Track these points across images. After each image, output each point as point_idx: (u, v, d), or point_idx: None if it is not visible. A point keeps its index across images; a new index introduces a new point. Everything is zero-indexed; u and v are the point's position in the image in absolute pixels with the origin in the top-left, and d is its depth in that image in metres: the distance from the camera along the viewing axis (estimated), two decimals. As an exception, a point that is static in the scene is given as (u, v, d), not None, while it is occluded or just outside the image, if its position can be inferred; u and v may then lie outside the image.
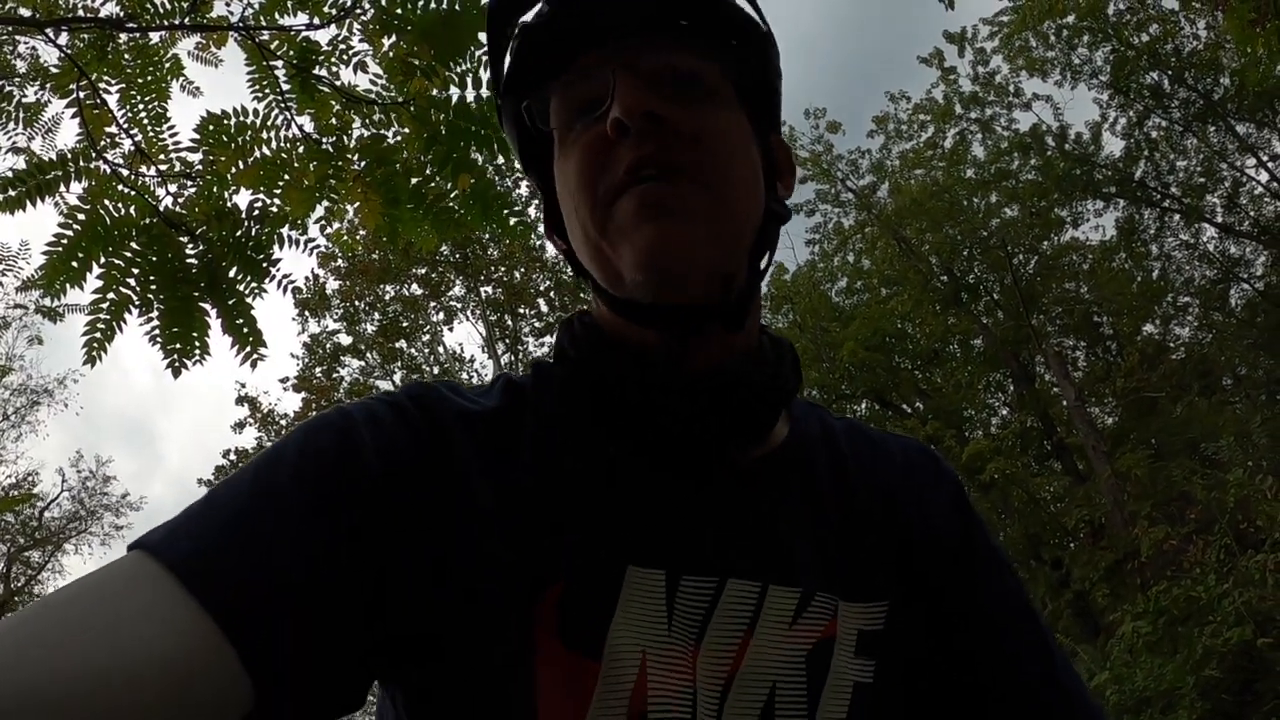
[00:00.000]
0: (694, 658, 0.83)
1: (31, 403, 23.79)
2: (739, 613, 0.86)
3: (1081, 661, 11.13)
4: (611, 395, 0.94)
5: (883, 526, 1.00)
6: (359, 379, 22.18)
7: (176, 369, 3.84)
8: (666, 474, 0.91)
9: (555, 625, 0.80)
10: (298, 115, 4.13)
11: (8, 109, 4.17)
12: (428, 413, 0.88)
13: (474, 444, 0.88)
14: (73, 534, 25.06)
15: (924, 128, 22.53)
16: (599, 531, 0.85)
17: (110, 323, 3.67)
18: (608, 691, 0.79)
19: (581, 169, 0.91)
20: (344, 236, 4.80)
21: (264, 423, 21.78)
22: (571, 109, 0.94)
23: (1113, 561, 14.34)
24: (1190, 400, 17.02)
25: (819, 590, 0.91)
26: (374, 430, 0.83)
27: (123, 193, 3.77)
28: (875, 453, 1.07)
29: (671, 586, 0.85)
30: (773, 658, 0.86)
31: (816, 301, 22.16)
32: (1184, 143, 20.57)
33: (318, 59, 4.06)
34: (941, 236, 20.83)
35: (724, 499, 0.92)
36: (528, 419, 0.93)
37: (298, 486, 0.76)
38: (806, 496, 0.98)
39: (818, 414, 1.10)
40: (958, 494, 1.08)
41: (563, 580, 0.81)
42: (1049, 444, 19.97)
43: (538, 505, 0.85)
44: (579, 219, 0.93)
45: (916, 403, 22.12)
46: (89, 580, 0.68)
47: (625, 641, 0.81)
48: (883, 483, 1.03)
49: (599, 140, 0.90)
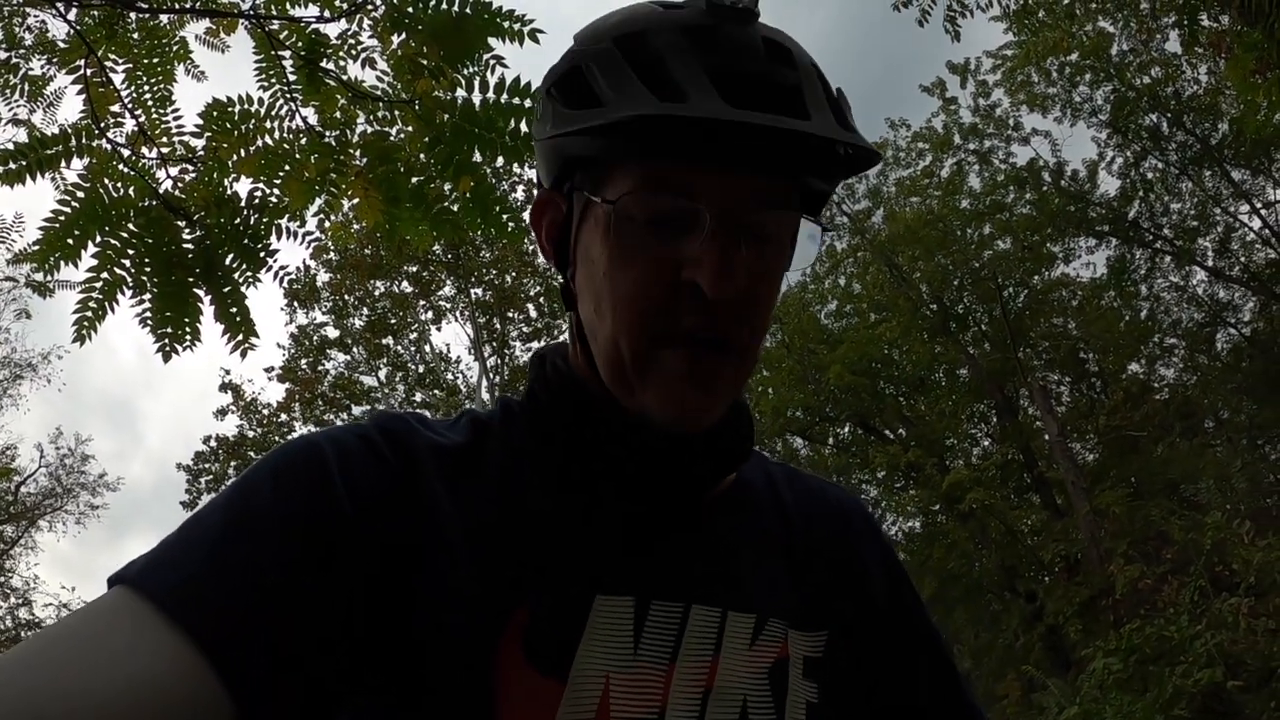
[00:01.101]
0: (669, 676, 0.88)
1: (14, 376, 23.72)
2: (705, 635, 0.92)
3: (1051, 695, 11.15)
4: (583, 447, 0.97)
5: (821, 564, 1.06)
6: (344, 373, 22.16)
7: (167, 354, 3.83)
8: (630, 511, 0.96)
9: (521, 650, 0.83)
10: (302, 107, 4.13)
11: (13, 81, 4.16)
12: (397, 445, 0.92)
13: (443, 477, 0.91)
14: (48, 511, 24.93)
15: (922, 156, 22.62)
16: (567, 563, 0.90)
17: (102, 302, 3.66)
18: (571, 712, 0.83)
19: (639, 289, 0.90)
20: (339, 230, 4.80)
21: (246, 411, 21.74)
22: (648, 207, 0.89)
23: (1087, 597, 14.38)
24: (1172, 441, 17.10)
25: (771, 616, 0.97)
26: (344, 464, 0.86)
27: (123, 173, 3.76)
28: (814, 498, 1.14)
29: (641, 611, 0.89)
30: (741, 674, 0.92)
31: (805, 323, 22.18)
32: (1179, 186, 20.71)
33: (326, 52, 4.06)
34: (933, 265, 20.89)
35: (683, 534, 0.97)
36: (494, 455, 0.97)
37: (270, 518, 0.79)
38: (753, 534, 1.04)
39: (760, 460, 1.16)
40: (887, 546, 1.16)
41: (528, 607, 0.85)
42: (1029, 477, 20.02)
43: (504, 538, 0.89)
44: (614, 331, 0.92)
45: (900, 429, 22.14)
46: (75, 617, 0.72)
47: (590, 665, 0.85)
48: (820, 526, 1.10)
49: (667, 268, 0.89)
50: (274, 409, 21.78)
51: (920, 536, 20.94)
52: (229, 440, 21.74)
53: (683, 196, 0.88)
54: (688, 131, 0.83)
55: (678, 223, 0.88)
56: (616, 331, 0.91)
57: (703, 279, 0.86)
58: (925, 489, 18.93)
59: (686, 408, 0.91)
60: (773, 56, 0.90)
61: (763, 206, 0.90)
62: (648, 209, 0.89)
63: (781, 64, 0.90)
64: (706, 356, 0.90)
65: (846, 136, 0.87)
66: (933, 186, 22.32)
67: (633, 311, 0.90)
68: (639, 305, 0.89)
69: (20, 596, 24.59)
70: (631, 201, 0.89)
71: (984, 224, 21.48)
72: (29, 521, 24.68)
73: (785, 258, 0.95)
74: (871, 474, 22.13)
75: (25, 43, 4.31)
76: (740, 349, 0.92)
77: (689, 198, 0.87)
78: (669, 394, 0.91)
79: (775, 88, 0.88)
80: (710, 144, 0.85)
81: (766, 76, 0.88)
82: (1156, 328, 21.79)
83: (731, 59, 0.87)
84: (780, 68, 0.89)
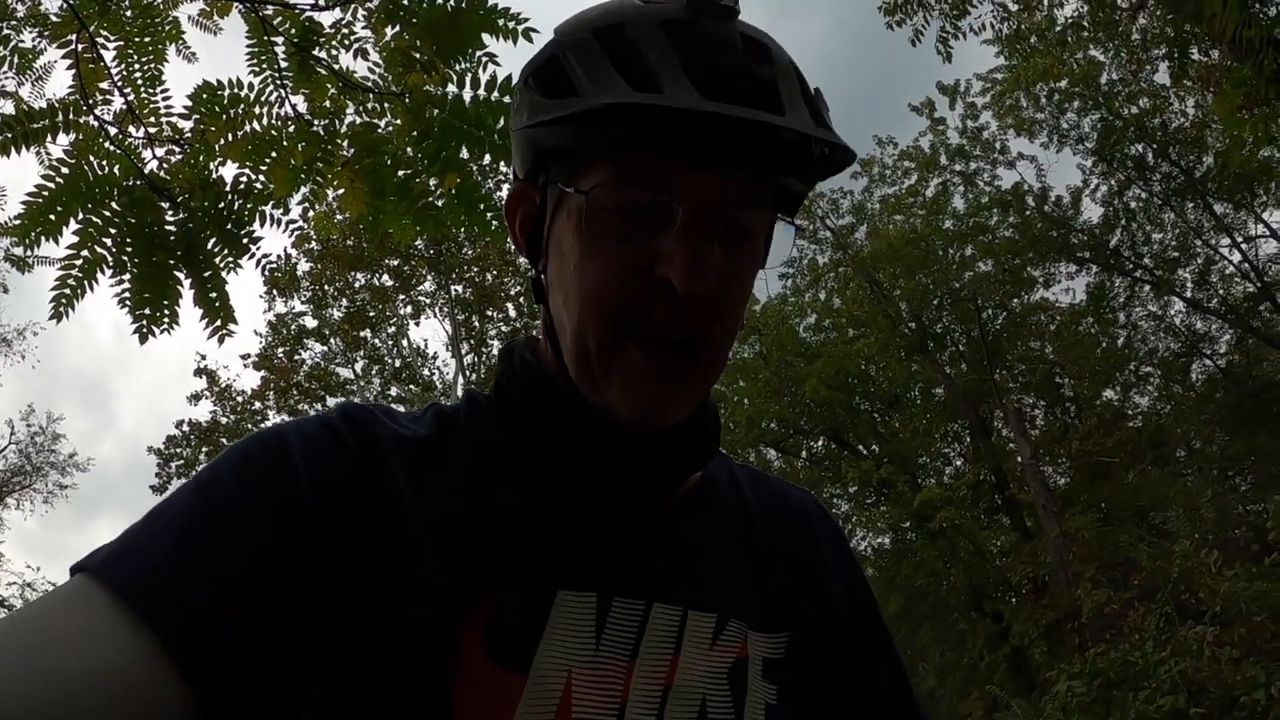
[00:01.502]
0: (629, 673, 0.89)
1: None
2: (666, 633, 0.93)
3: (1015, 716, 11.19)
4: (550, 440, 0.98)
5: (783, 566, 1.08)
6: (320, 364, 22.07)
7: (144, 335, 3.80)
8: (595, 507, 0.97)
9: (483, 643, 0.84)
10: (292, 94, 4.11)
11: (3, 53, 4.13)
12: (362, 435, 0.92)
13: (407, 468, 0.92)
14: (16, 488, 24.75)
15: (908, 174, 22.71)
16: (531, 557, 0.91)
17: (81, 280, 3.63)
18: (532, 705, 0.84)
19: (609, 282, 0.89)
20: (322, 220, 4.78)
21: (220, 397, 21.63)
22: (621, 199, 0.88)
23: (1053, 620, 14.45)
24: (1143, 469, 17.22)
25: (731, 617, 0.98)
26: (308, 455, 0.87)
27: (109, 151, 3.73)
28: (777, 500, 1.15)
29: (603, 608, 0.90)
30: (700, 673, 0.93)
31: (784, 335, 22.23)
32: (1162, 216, 20.88)
33: (319, 40, 4.04)
34: (914, 283, 20.98)
35: (646, 532, 0.99)
36: (460, 448, 0.98)
37: (234, 509, 0.80)
38: (716, 534, 1.05)
39: (724, 461, 1.17)
40: (848, 551, 1.18)
41: (494, 600, 0.86)
42: (1000, 498, 20.12)
43: (469, 532, 0.90)
44: (580, 324, 0.92)
45: (873, 445, 22.21)
46: (37, 604, 0.73)
47: (552, 659, 0.86)
48: (783, 528, 1.12)
49: (638, 263, 0.88)
50: (248, 396, 21.70)
51: (889, 553, 21.04)
52: (202, 426, 21.63)
53: (657, 190, 0.87)
54: (663, 124, 0.83)
55: (651, 216, 0.88)
56: (583, 325, 0.91)
57: (674, 275, 0.86)
58: (896, 506, 18.99)
59: (650, 405, 0.91)
60: (750, 53, 0.90)
61: (737, 204, 0.90)
62: (620, 200, 0.88)
63: (759, 60, 0.90)
64: (673, 354, 0.90)
65: (821, 133, 0.87)
66: (917, 205, 22.42)
67: (601, 305, 0.89)
68: (607, 299, 0.89)
69: (-16, 574, 24.39)
70: (604, 193, 0.89)
71: (966, 245, 21.59)
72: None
73: (759, 256, 0.97)
74: (843, 489, 22.17)
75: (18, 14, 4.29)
76: (711, 347, 0.92)
77: (663, 191, 0.87)
78: (633, 390, 0.90)
79: (752, 82, 0.87)
80: (685, 138, 0.84)
81: (743, 71, 0.88)
82: (1133, 355, 21.97)
83: (709, 53, 0.88)
84: (758, 64, 0.89)
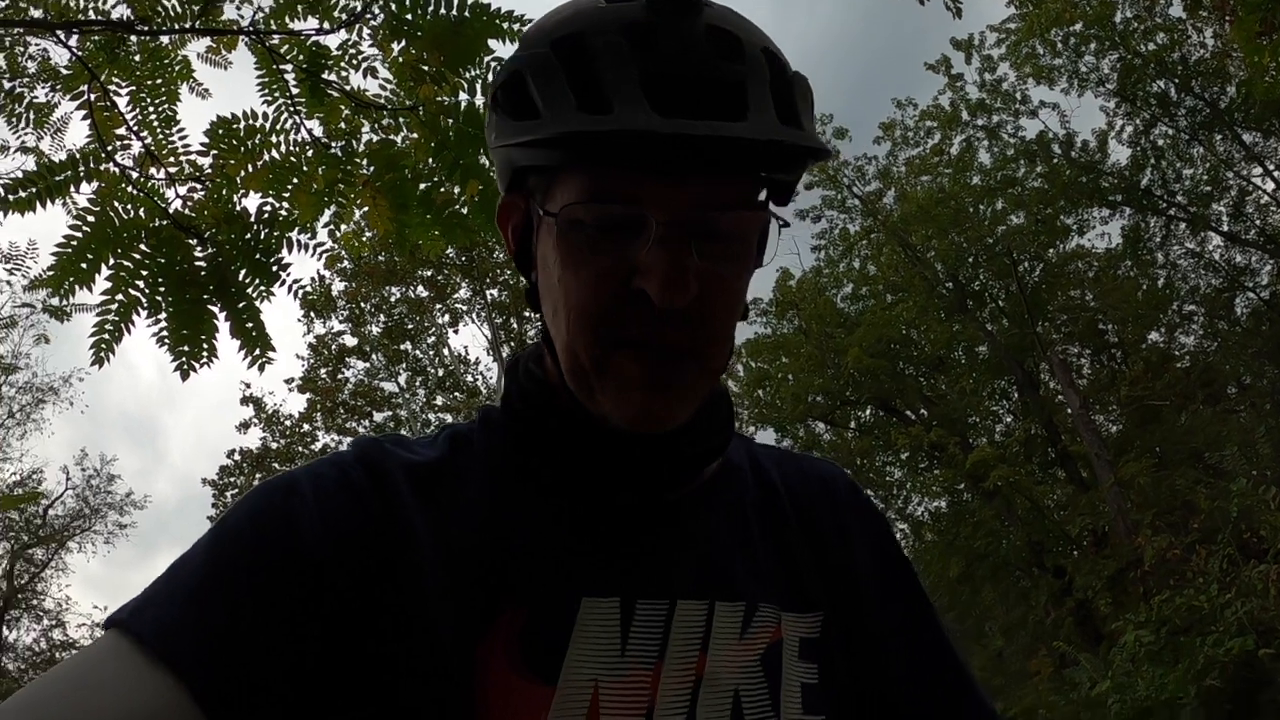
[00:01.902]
0: (657, 674, 0.89)
1: (37, 401, 23.82)
2: (692, 629, 0.93)
3: (1083, 670, 11.12)
4: (559, 450, 0.99)
5: (813, 544, 1.07)
6: (364, 380, 22.21)
7: (185, 372, 3.85)
8: (610, 513, 0.97)
9: (508, 658, 0.86)
10: (307, 119, 4.14)
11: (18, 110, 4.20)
12: (372, 470, 0.94)
13: (417, 496, 0.93)
14: (76, 532, 25.12)
15: (930, 134, 22.57)
16: (551, 568, 0.92)
17: (118, 324, 3.68)
18: (561, 715, 0.85)
19: (590, 296, 0.89)
20: (350, 239, 4.81)
21: (269, 423, 21.80)
22: (593, 214, 0.88)
23: (1115, 570, 14.34)
24: (1194, 409, 17.01)
25: (761, 602, 0.98)
26: (315, 501, 0.89)
27: (132, 195, 3.78)
28: (803, 477, 1.14)
29: (627, 612, 0.91)
30: (730, 665, 0.92)
31: (822, 307, 22.16)
32: (1190, 151, 20.59)
33: (327, 63, 4.07)
34: (947, 243, 20.82)
35: (666, 531, 0.99)
36: (472, 467, 0.99)
37: (248, 560, 0.84)
38: (739, 520, 1.04)
39: (745, 445, 1.16)
40: (878, 519, 1.16)
41: (516, 614, 0.88)
42: (1053, 452, 19.94)
43: (483, 550, 0.91)
44: (569, 338, 0.92)
45: (921, 409, 22.08)
46: (72, 660, 0.80)
47: (579, 669, 0.87)
48: (810, 504, 1.11)
49: (616, 276, 0.88)
50: (296, 420, 21.89)
51: (946, 516, 20.94)
52: (253, 453, 21.85)
53: (628, 203, 0.86)
54: (620, 144, 0.82)
55: (625, 229, 0.86)
56: (572, 338, 0.91)
57: (651, 288, 0.85)
58: (949, 468, 18.92)
59: (644, 413, 0.90)
60: (718, 50, 0.86)
61: (714, 209, 0.87)
62: (593, 216, 0.87)
63: (726, 58, 0.86)
64: (661, 362, 0.89)
65: (785, 134, 0.85)
66: (943, 164, 22.26)
67: (585, 318, 0.89)
68: (590, 313, 0.89)
69: (53, 618, 24.81)
70: (576, 211, 0.88)
71: (996, 199, 21.40)
72: (58, 544, 24.88)
73: (748, 254, 0.94)
74: (895, 456, 22.10)
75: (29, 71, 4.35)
76: (696, 354, 0.90)
77: (635, 204, 0.86)
78: (625, 400, 0.90)
79: (715, 87, 0.85)
80: (649, 153, 0.82)
81: (706, 75, 0.85)
82: (1174, 295, 21.66)
83: (669, 59, 0.85)
84: (724, 63, 0.86)
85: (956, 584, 18.38)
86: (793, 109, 0.89)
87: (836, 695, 0.99)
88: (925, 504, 22.72)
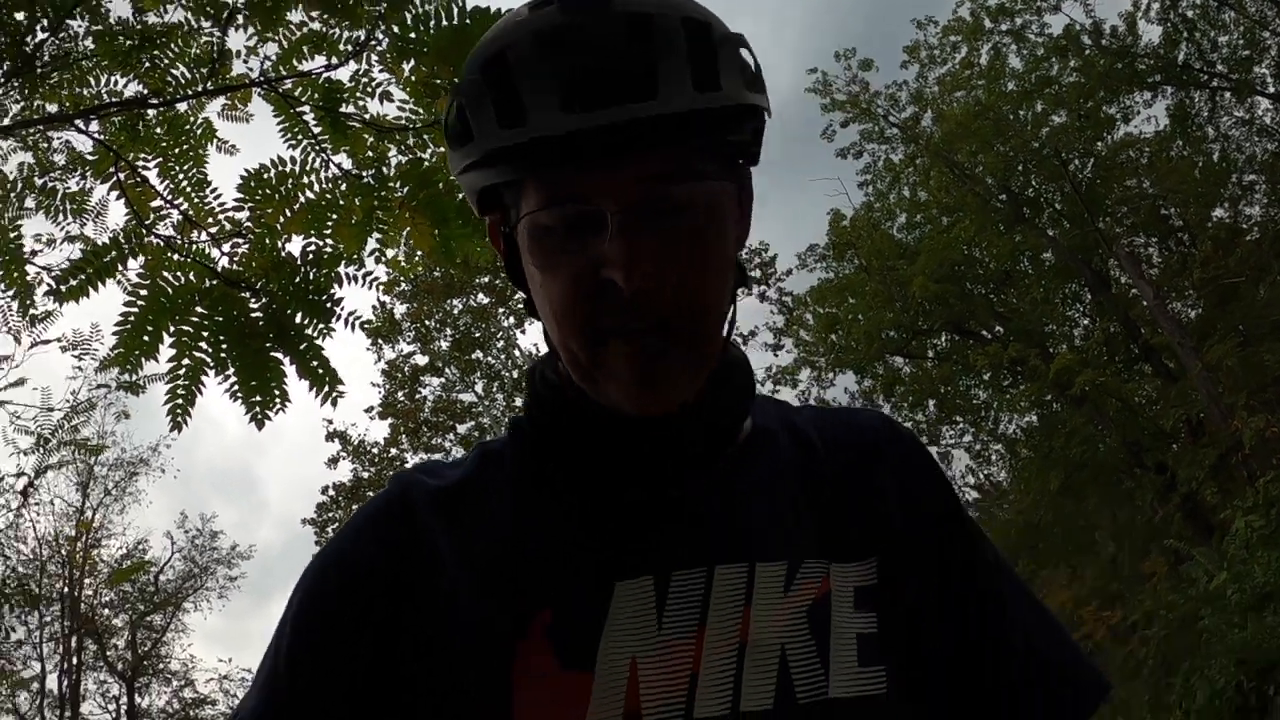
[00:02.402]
0: (699, 643, 0.91)
1: (130, 474, 24.31)
2: (732, 592, 0.94)
3: (1199, 565, 10.95)
4: (577, 447, 1.03)
5: (861, 492, 1.07)
6: (442, 395, 22.36)
7: (260, 421, 3.93)
8: (636, 498, 1.00)
9: (545, 656, 0.90)
10: (334, 154, 4.20)
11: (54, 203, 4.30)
12: (403, 504, 1.02)
13: (442, 520, 1.00)
14: (189, 593, 25.71)
15: (956, 49, 22.15)
16: (582, 561, 0.96)
17: (189, 387, 3.77)
18: (601, 700, 0.88)
19: (568, 296, 0.93)
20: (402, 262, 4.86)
21: (356, 454, 22.05)
22: (552, 219, 0.92)
23: (1216, 458, 14.08)
24: (1272, 280, 16.62)
25: (806, 559, 0.98)
26: (343, 568, 1.01)
27: (179, 261, 3.86)
28: (843, 428, 1.14)
29: (662, 588, 0.93)
30: (775, 623, 0.94)
31: (879, 242, 21.93)
32: (1221, 17, 19.95)
33: (343, 97, 4.11)
34: (993, 155, 20.46)
35: (697, 499, 1.00)
36: (500, 479, 1.04)
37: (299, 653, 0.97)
38: (774, 481, 1.05)
39: (778, 408, 1.17)
40: (930, 462, 1.14)
41: (543, 609, 0.92)
42: (1135, 347, 19.59)
43: (508, 559, 0.97)
44: (562, 337, 0.96)
45: (996, 327, 21.79)
46: None
47: (614, 651, 0.90)
48: (855, 454, 1.11)
49: (586, 272, 0.91)
50: (383, 446, 22.12)
51: (1038, 430, 20.67)
52: (346, 486, 22.12)
53: (580, 201, 0.90)
54: (543, 147, 0.86)
55: (584, 225, 0.90)
56: (564, 338, 0.95)
57: (616, 276, 0.88)
58: (1034, 381, 18.65)
59: (645, 397, 0.94)
60: (631, 36, 0.88)
61: (664, 184, 0.90)
62: (554, 220, 0.91)
63: (639, 42, 0.88)
64: (648, 346, 0.91)
65: (699, 102, 0.87)
66: (974, 77, 21.85)
67: (568, 317, 0.93)
68: (570, 311, 0.93)
69: (181, 678, 25.45)
70: (539, 217, 0.92)
71: (1034, 102, 20.98)
72: (174, 607, 25.49)
73: (718, 223, 0.96)
74: (977, 378, 21.82)
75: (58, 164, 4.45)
76: (681, 330, 0.92)
77: (587, 201, 0.89)
78: (624, 388, 0.94)
79: (628, 72, 0.86)
80: (575, 151, 0.86)
81: (619, 62, 0.87)
82: (1232, 167, 21.07)
83: (580, 56, 0.87)
84: (634, 46, 0.87)
85: (1059, 497, 18.16)
86: (712, 73, 0.89)
87: (901, 642, 0.99)
88: (1015, 421, 22.45)
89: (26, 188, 4.43)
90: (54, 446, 16.56)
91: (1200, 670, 10.11)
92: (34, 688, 22.08)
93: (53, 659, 23.03)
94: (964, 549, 1.09)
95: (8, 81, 4.08)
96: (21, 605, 19.83)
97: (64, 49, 4.15)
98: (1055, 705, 1.04)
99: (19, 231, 4.34)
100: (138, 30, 4.07)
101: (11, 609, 18.15)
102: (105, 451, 21.93)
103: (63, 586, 23.13)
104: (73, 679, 23.24)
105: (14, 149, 4.60)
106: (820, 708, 0.91)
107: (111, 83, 4.13)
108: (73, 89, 4.18)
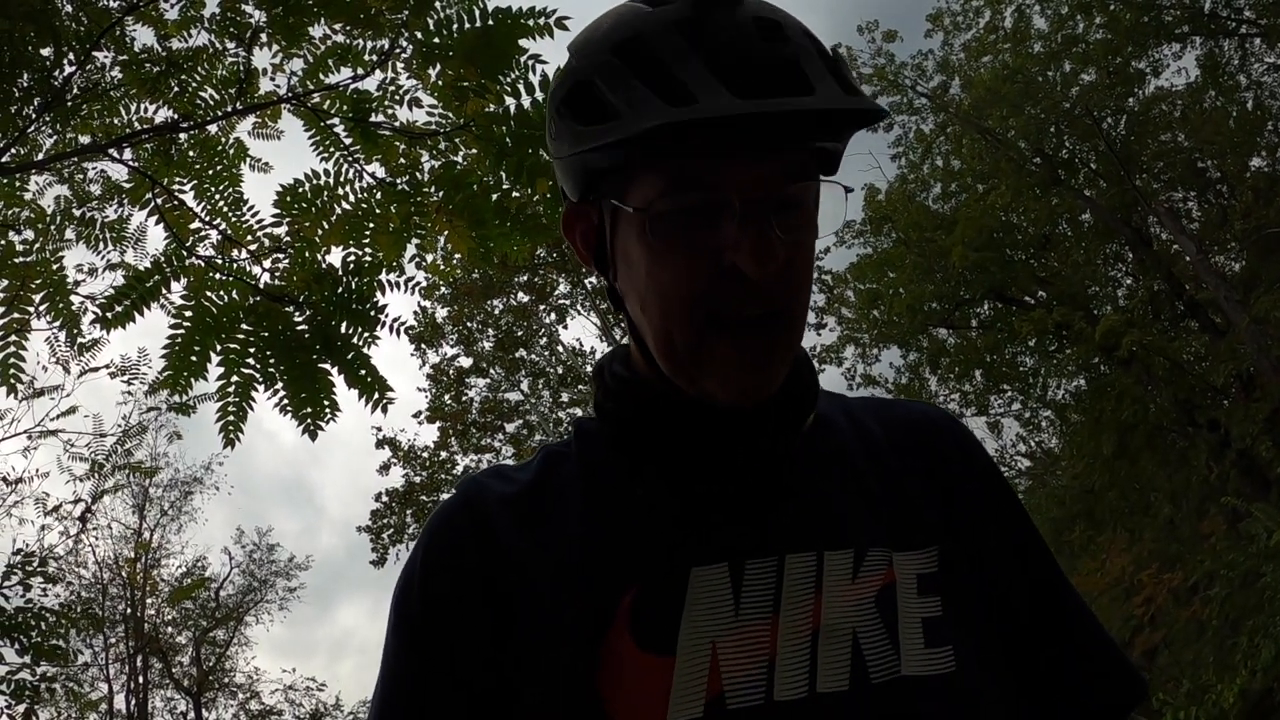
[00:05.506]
0: (774, 627, 0.95)
1: (185, 494, 24.64)
2: (803, 579, 0.97)
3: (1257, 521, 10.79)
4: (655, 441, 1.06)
5: (918, 482, 1.11)
6: (489, 396, 22.42)
7: (312, 432, 3.96)
8: (710, 490, 1.03)
9: (627, 638, 0.94)
10: (367, 164, 4.21)
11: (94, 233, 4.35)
12: (472, 512, 1.05)
13: (515, 524, 1.03)
14: (250, 606, 26.00)
15: (979, 14, 21.93)
16: (659, 551, 0.99)
17: (239, 404, 3.81)
18: (684, 683, 0.91)
19: (683, 281, 0.95)
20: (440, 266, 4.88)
21: (407, 460, 22.15)
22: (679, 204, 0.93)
23: (1270, 411, 13.85)
24: (1317, 225, 16.30)
25: (870, 546, 1.01)
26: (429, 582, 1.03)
27: (221, 280, 3.89)
28: (900, 421, 1.18)
29: (737, 575, 0.96)
30: (846, 609, 0.97)
31: (915, 214, 21.73)
32: (1248, -39, 19.64)
33: (371, 106, 4.12)
34: (1024, 119, 20.21)
35: (766, 493, 1.04)
36: (570, 479, 1.07)
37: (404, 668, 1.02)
38: (839, 468, 1.09)
39: (839, 401, 1.21)
40: (980, 459, 1.19)
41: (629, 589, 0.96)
42: (1180, 304, 19.31)
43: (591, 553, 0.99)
44: (663, 323, 0.98)
45: (1038, 292, 21.56)
46: None
47: (695, 635, 0.94)
48: (914, 446, 1.15)
49: (707, 258, 0.94)
50: (433, 449, 22.22)
51: (1088, 394, 20.44)
52: (399, 492, 22.24)
53: (710, 189, 0.92)
54: (704, 129, 0.87)
55: (709, 213, 0.93)
56: (668, 325, 0.97)
57: (744, 263, 0.91)
58: (1080, 345, 18.43)
59: (747, 388, 0.97)
60: (766, 35, 0.92)
61: (786, 181, 0.94)
62: (678, 205, 0.93)
63: (776, 41, 0.92)
64: (755, 338, 0.95)
65: (852, 103, 0.92)
66: (1000, 40, 21.63)
67: (680, 303, 0.95)
68: (685, 296, 0.95)
69: (247, 691, 25.73)
70: (662, 203, 0.94)
71: (1062, 62, 20.71)
72: (236, 620, 25.78)
73: (813, 220, 1.00)
74: (1023, 344, 21.60)
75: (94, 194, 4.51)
76: (790, 318, 0.98)
77: (716, 189, 0.92)
78: (728, 379, 0.97)
79: (776, 67, 0.91)
80: (728, 137, 0.89)
81: (765, 57, 0.91)
82: (1267, 115, 20.72)
83: (728, 48, 0.90)
84: (776, 45, 0.92)
85: (1113, 460, 17.94)
86: (846, 80, 0.94)
87: (964, 624, 1.02)
88: (1064, 386, 22.21)
89: (65, 220, 4.50)
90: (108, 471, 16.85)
91: (1265, 628, 10.02)
92: (102, 709, 22.35)
93: (119, 679, 23.45)
94: (1020, 538, 1.14)
95: (39, 117, 4.12)
96: (86, 629, 20.09)
97: (92, 80, 4.19)
98: (1104, 693, 1.10)
99: (60, 263, 4.41)
100: (163, 56, 4.11)
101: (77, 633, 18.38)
102: (159, 473, 22.24)
103: (125, 608, 23.49)
104: (140, 698, 23.63)
105: (50, 183, 4.68)
106: (894, 687, 0.94)
107: (141, 110, 4.19)
108: (104, 119, 4.23)
